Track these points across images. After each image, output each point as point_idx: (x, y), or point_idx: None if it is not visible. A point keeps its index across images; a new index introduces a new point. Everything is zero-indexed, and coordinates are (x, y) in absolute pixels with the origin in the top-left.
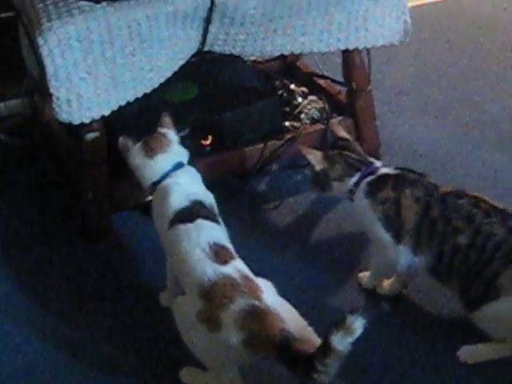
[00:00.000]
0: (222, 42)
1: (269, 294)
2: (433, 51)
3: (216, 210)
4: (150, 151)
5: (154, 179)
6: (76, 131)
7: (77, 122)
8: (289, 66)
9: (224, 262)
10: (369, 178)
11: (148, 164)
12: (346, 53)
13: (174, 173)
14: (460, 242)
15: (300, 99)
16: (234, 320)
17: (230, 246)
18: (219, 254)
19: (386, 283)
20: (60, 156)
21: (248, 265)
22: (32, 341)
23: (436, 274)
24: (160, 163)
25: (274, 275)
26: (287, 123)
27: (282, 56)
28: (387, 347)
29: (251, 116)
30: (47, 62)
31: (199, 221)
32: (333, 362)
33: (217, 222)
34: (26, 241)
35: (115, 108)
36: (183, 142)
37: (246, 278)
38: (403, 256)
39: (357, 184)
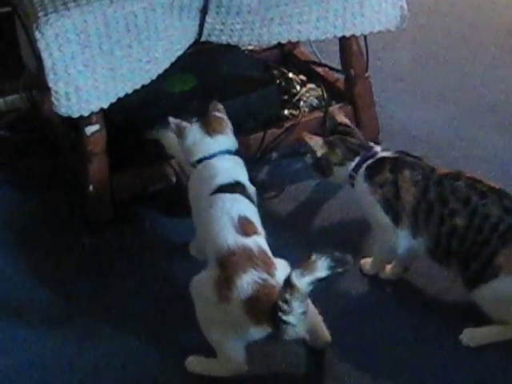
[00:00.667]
0: (218, 31)
1: (283, 273)
2: (430, 36)
3: (255, 200)
4: (212, 130)
5: (205, 155)
6: (75, 124)
7: (76, 115)
8: (286, 55)
9: (246, 235)
10: (368, 162)
11: (205, 141)
12: (343, 40)
13: (225, 156)
14: (457, 223)
15: (298, 87)
16: (243, 289)
17: (258, 223)
18: (244, 227)
19: (388, 268)
20: (60, 150)
21: None
22: (38, 333)
23: (435, 256)
24: (217, 142)
25: None
26: (286, 111)
27: (280, 45)
28: (389, 330)
29: (250, 105)
30: (45, 55)
31: (237, 195)
32: (293, 298)
33: (253, 202)
34: (29, 234)
35: (114, 100)
36: None
37: (264, 253)
38: (402, 239)
39: (356, 168)
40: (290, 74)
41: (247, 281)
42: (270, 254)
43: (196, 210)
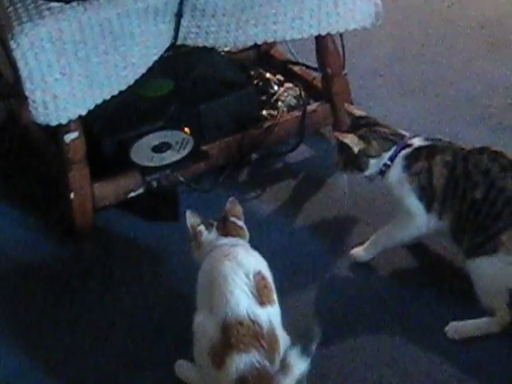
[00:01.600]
0: (194, 34)
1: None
2: (406, 32)
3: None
4: (227, 233)
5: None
6: (54, 132)
7: (54, 123)
8: (263, 55)
9: (261, 303)
10: (405, 151)
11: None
12: (319, 38)
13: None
14: (476, 196)
15: (276, 87)
16: (238, 367)
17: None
18: (261, 290)
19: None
20: (40, 158)
21: None
22: (15, 346)
23: (455, 236)
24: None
25: None
26: (264, 112)
27: (256, 45)
28: (377, 320)
29: (228, 107)
30: (21, 65)
31: (249, 246)
32: None
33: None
34: (9, 242)
35: (92, 107)
36: None
37: (273, 332)
38: (430, 222)
39: (392, 158)
40: (268, 75)
41: (245, 361)
42: (278, 329)
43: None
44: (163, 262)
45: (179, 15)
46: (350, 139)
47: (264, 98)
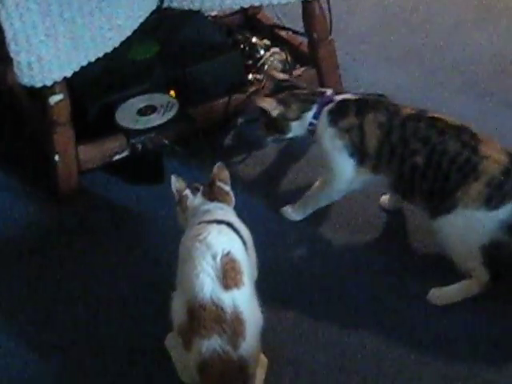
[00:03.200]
0: None
1: (252, 343)
2: None
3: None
4: (214, 198)
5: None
6: (39, 94)
7: (39, 85)
8: (250, 19)
9: (226, 287)
10: (328, 107)
11: (206, 207)
12: (306, 3)
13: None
14: (417, 162)
15: (262, 52)
16: (200, 354)
17: (245, 263)
18: (227, 273)
19: (386, 199)
20: (25, 120)
21: None
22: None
23: (398, 191)
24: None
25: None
26: (250, 76)
27: (243, 9)
28: (363, 287)
29: (214, 70)
30: (6, 26)
31: (224, 227)
32: None
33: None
34: None
35: (77, 69)
36: None
37: (237, 317)
38: (362, 175)
39: (316, 115)
40: (254, 39)
41: (207, 346)
42: (246, 312)
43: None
44: (148, 225)
45: None
46: (268, 103)
47: (250, 62)
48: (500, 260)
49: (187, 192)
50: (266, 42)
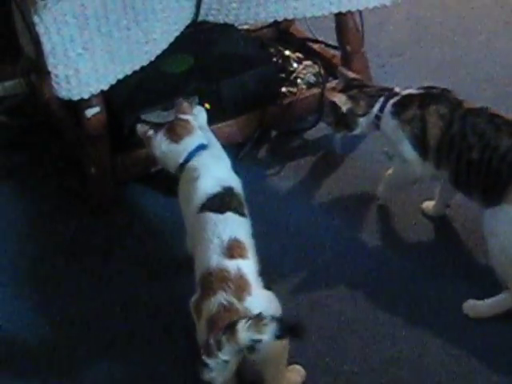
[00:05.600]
0: (215, 11)
1: (260, 301)
2: (425, 11)
3: (243, 197)
4: (176, 136)
5: (181, 161)
6: (76, 107)
7: (76, 98)
8: (282, 33)
9: (231, 257)
10: (393, 100)
11: (174, 149)
12: (339, 16)
13: (200, 153)
14: (473, 157)
15: (295, 65)
16: (208, 312)
17: (249, 242)
18: (232, 250)
19: (431, 205)
20: (61, 133)
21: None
22: (40, 318)
23: (457, 186)
24: (186, 145)
25: (279, 239)
26: (284, 89)
27: (276, 22)
28: (395, 295)
29: (248, 84)
30: (44, 39)
31: (229, 214)
32: (226, 344)
33: (244, 214)
34: (31, 218)
35: (113, 82)
36: None
37: (241, 276)
38: (426, 169)
39: (382, 108)
40: (287, 52)
41: (214, 303)
42: (250, 278)
43: (188, 219)
44: (181, 237)
45: None
46: (339, 98)
47: (283, 75)
48: None
49: (151, 132)
50: (299, 55)
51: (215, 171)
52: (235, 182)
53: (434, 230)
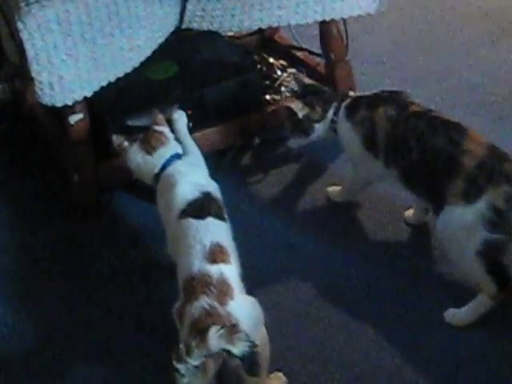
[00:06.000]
0: (199, 18)
1: (242, 305)
2: (409, 19)
3: (222, 201)
4: (150, 148)
5: (156, 171)
6: (59, 114)
7: (60, 104)
8: (267, 40)
9: (213, 262)
10: (345, 102)
11: (149, 161)
12: (323, 24)
13: (175, 162)
14: (413, 158)
15: (279, 72)
16: (191, 316)
17: (231, 246)
18: (214, 254)
19: (410, 213)
20: (44, 139)
21: (235, 239)
22: (23, 324)
23: (406, 185)
24: (160, 156)
25: (262, 246)
26: (268, 96)
27: (260, 30)
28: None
29: (231, 91)
30: (28, 46)
31: (209, 219)
32: (196, 348)
33: (224, 218)
34: (11, 224)
35: (97, 89)
36: None
37: (224, 281)
38: (378, 169)
39: (336, 112)
40: (271, 59)
41: (196, 307)
42: (233, 283)
43: (168, 225)
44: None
45: None
46: (295, 104)
47: (267, 82)
48: (500, 265)
49: (125, 144)
50: (283, 62)
51: (191, 177)
52: (213, 187)
53: (414, 237)
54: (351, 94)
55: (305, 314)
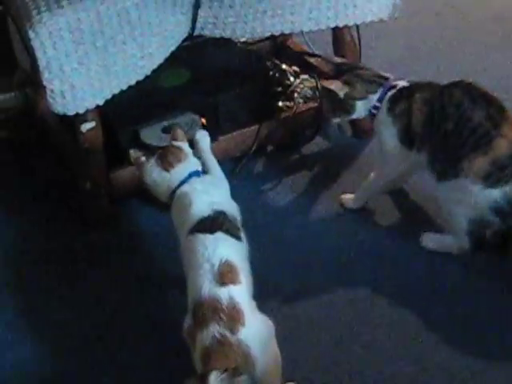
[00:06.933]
0: (211, 25)
1: (253, 330)
2: (422, 24)
3: (239, 222)
4: (167, 164)
5: (173, 187)
6: (71, 122)
7: (71, 113)
8: (279, 46)
9: (222, 284)
10: (390, 93)
11: (166, 177)
12: (336, 30)
13: (193, 179)
14: (448, 127)
15: (292, 79)
16: (202, 344)
17: (242, 265)
18: (223, 275)
19: None
20: (56, 148)
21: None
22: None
23: (433, 168)
24: (177, 173)
25: (276, 255)
26: (280, 103)
27: (273, 36)
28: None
29: (244, 97)
30: (39, 54)
31: (219, 234)
32: None
33: (238, 237)
34: (24, 233)
35: (109, 97)
36: None
37: (234, 306)
38: (411, 158)
39: (380, 99)
40: (284, 66)
41: (207, 335)
42: (243, 307)
43: (181, 243)
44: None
45: (197, 6)
46: (335, 85)
47: (280, 89)
48: (483, 237)
49: (143, 158)
50: (296, 68)
51: (208, 196)
52: (231, 208)
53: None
54: (392, 80)
55: (318, 324)
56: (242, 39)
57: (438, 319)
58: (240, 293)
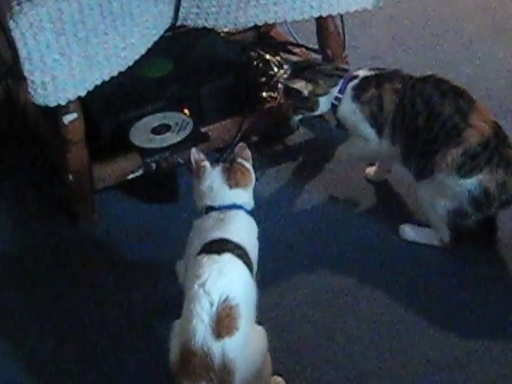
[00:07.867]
0: (194, 15)
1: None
2: (406, 14)
3: (254, 264)
4: (234, 182)
5: (217, 205)
6: (53, 113)
7: (53, 104)
8: (263, 36)
9: (218, 336)
10: (352, 83)
11: (222, 192)
12: (320, 20)
13: (237, 212)
14: (418, 123)
15: (276, 69)
16: None
17: (245, 307)
18: (221, 321)
19: (372, 170)
20: (38, 139)
21: None
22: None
23: (405, 161)
24: (236, 195)
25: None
26: (264, 94)
27: (256, 26)
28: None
29: (228, 88)
30: (20, 45)
31: (227, 256)
32: None
33: (250, 269)
34: (7, 226)
35: (91, 88)
36: None
37: (226, 365)
38: (384, 147)
39: (341, 90)
40: (267, 56)
41: None
42: (237, 364)
43: (187, 260)
44: (162, 244)
45: None
46: (298, 84)
47: (264, 79)
48: (462, 228)
49: (206, 163)
50: (280, 59)
51: (235, 232)
52: (251, 249)
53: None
54: (356, 73)
55: (304, 316)
56: (225, 29)
57: (425, 310)
58: (235, 347)
